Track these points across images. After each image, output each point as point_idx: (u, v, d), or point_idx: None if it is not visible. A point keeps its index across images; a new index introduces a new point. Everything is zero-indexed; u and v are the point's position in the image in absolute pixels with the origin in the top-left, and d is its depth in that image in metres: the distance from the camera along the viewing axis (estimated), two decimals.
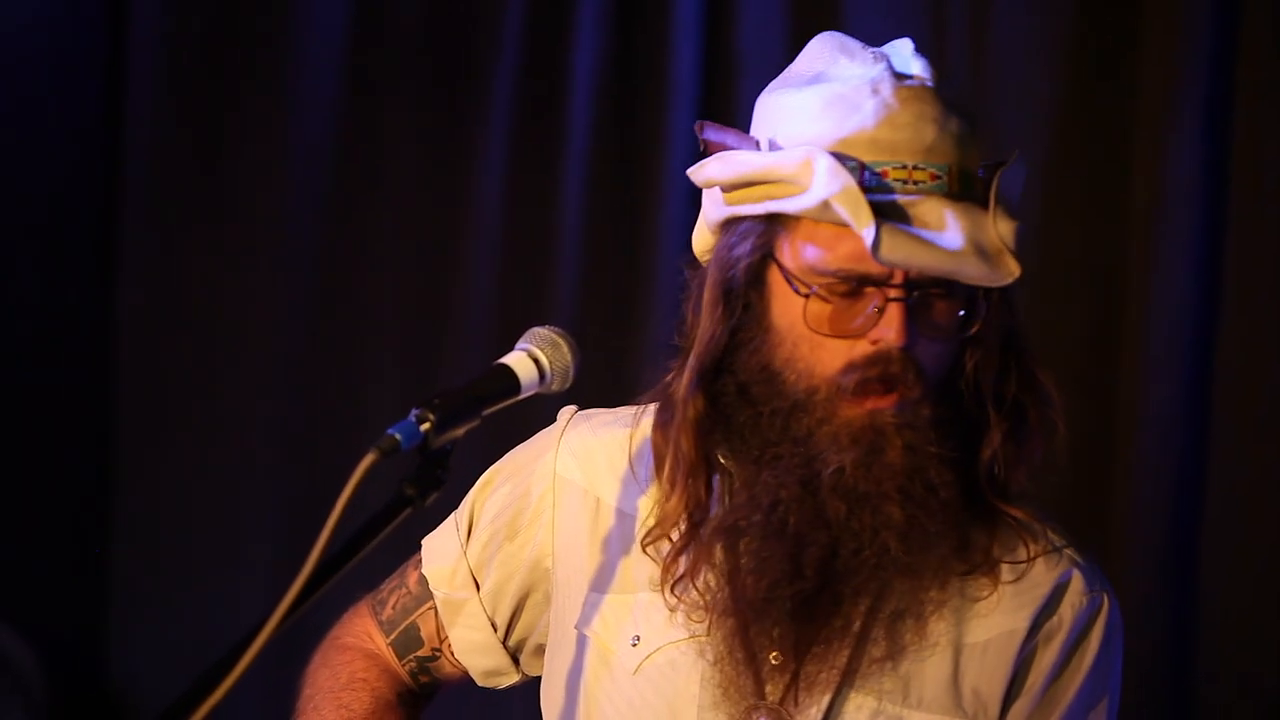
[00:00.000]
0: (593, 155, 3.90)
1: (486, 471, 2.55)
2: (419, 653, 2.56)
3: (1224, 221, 3.59)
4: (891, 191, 2.22)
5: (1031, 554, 2.36)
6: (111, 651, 4.12)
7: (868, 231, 2.16)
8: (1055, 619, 2.37)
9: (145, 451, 4.15)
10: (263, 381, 4.08)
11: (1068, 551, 2.40)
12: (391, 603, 2.57)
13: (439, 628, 2.54)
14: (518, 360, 2.26)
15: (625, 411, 2.51)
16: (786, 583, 2.29)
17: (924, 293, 2.25)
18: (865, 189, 2.20)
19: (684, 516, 2.36)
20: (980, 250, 2.21)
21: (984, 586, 2.36)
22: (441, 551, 2.54)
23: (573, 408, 2.55)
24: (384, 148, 4.06)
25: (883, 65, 2.28)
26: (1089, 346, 3.70)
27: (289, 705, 3.80)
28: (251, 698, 3.88)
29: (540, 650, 2.53)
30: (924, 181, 2.22)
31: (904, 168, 2.22)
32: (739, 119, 3.77)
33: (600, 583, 2.43)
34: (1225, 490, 3.61)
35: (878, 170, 2.22)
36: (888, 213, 2.20)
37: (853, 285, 2.25)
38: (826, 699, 2.32)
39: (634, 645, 2.38)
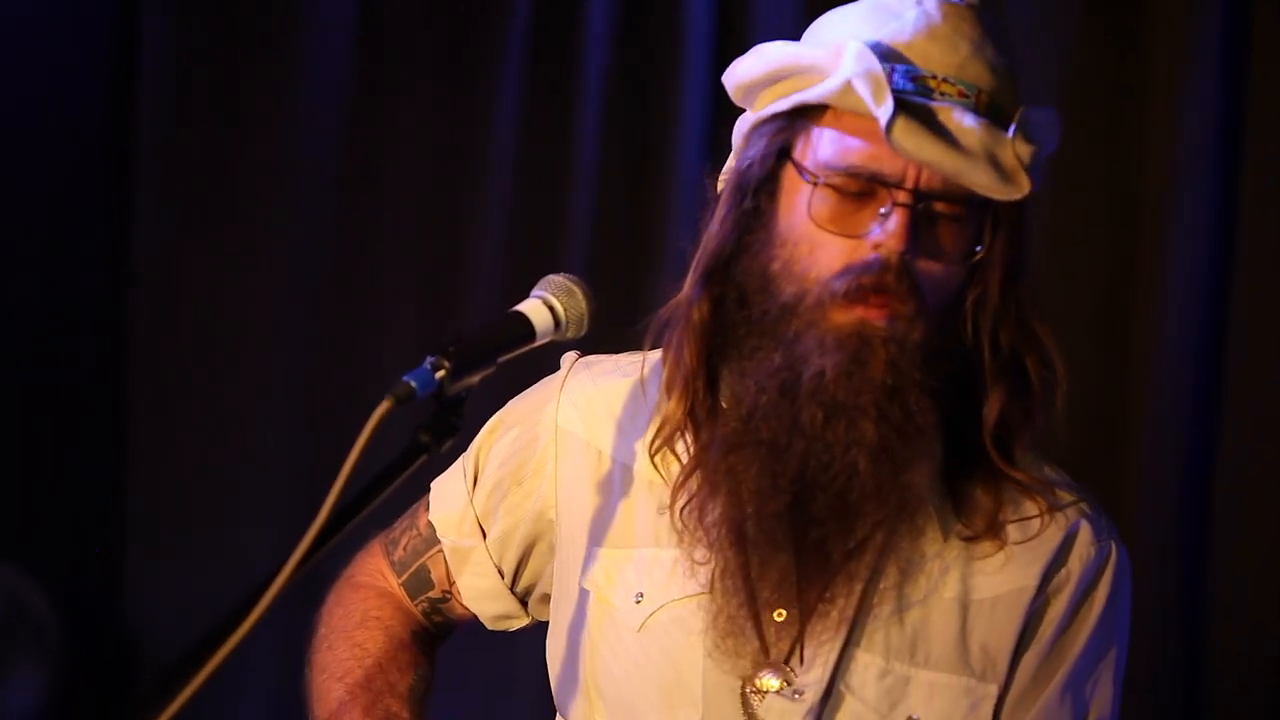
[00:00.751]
0: (605, 109, 3.89)
1: (492, 418, 2.55)
2: (430, 594, 2.56)
3: (1236, 196, 3.58)
4: (917, 95, 2.21)
5: (1038, 512, 2.35)
6: (128, 600, 4.13)
7: (884, 109, 2.16)
8: (1064, 571, 2.36)
9: (162, 400, 4.16)
10: (281, 332, 4.08)
11: (1076, 504, 2.38)
12: (403, 543, 2.57)
13: (449, 571, 2.55)
14: (533, 307, 2.26)
15: (627, 359, 2.50)
16: (766, 497, 2.27)
17: (930, 206, 2.23)
18: (892, 87, 2.19)
19: (686, 426, 2.34)
20: (994, 161, 2.19)
21: (990, 548, 2.34)
22: (449, 498, 2.55)
23: (574, 354, 2.54)
24: (397, 114, 4.05)
25: None
26: (1100, 318, 3.68)
27: (304, 646, 3.83)
28: (266, 644, 3.94)
29: (547, 598, 2.53)
30: (950, 95, 2.21)
31: (934, 78, 2.22)
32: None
33: (603, 537, 2.42)
34: (1238, 452, 3.61)
35: (907, 74, 2.22)
36: (910, 109, 2.18)
37: (862, 183, 2.23)
38: (833, 657, 2.31)
39: (637, 602, 2.38)
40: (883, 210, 2.22)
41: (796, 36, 2.33)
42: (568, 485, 2.46)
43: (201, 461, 4.10)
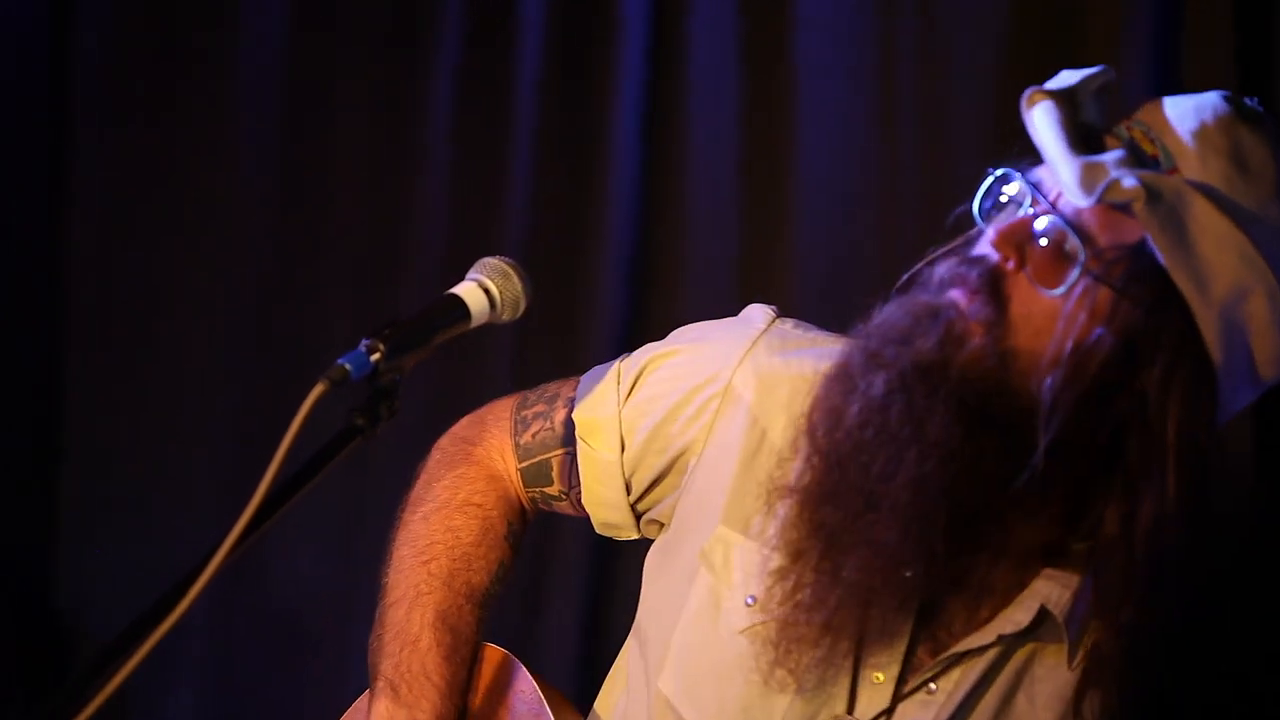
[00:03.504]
0: (541, 95, 3.88)
1: (668, 340, 2.53)
2: (546, 489, 2.56)
3: None
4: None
5: None
6: (61, 580, 4.10)
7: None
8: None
9: (96, 385, 4.13)
10: (215, 317, 4.05)
11: None
12: (534, 429, 2.56)
13: (573, 473, 2.53)
14: (468, 290, 2.26)
15: (827, 347, 2.42)
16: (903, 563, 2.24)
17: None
18: None
19: None
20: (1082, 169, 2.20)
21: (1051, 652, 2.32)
22: (598, 401, 2.53)
23: (771, 311, 2.50)
24: (334, 101, 4.03)
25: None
26: None
27: (237, 632, 3.81)
28: (199, 629, 3.93)
29: (659, 526, 2.51)
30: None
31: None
32: (690, 53, 3.78)
33: (737, 520, 2.39)
34: None
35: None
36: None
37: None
38: None
39: (748, 605, 2.36)
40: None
41: (732, 19, 2.33)
42: (717, 444, 2.43)
43: (134, 445, 4.08)
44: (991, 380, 2.19)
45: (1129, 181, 2.16)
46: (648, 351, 2.53)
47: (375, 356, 2.09)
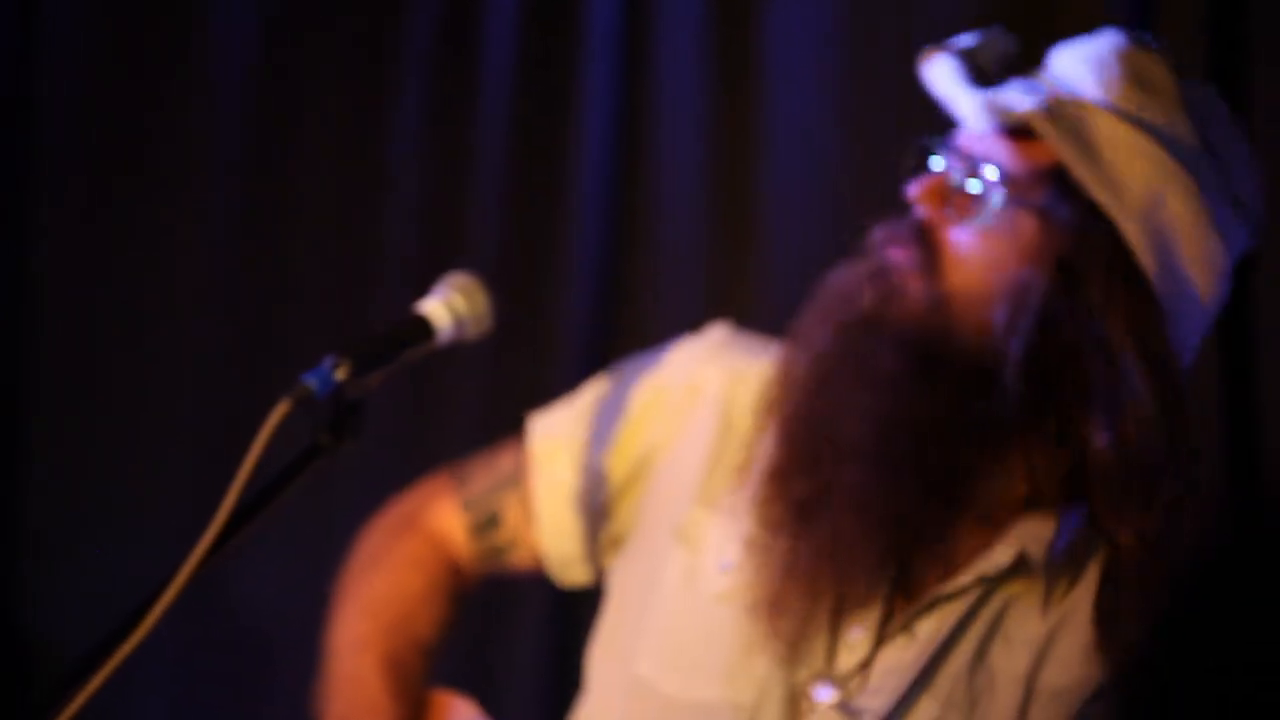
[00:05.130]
0: (510, 104, 3.88)
1: (617, 366, 2.55)
2: (495, 539, 2.56)
3: None
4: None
5: None
6: (26, 599, 4.09)
7: None
8: None
9: (62, 398, 4.12)
10: (183, 331, 4.04)
11: None
12: (477, 480, 2.57)
13: (524, 512, 2.53)
14: (434, 308, 2.26)
15: (767, 344, 2.50)
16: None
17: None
18: None
19: None
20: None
21: (1079, 636, 2.33)
22: (551, 428, 2.54)
23: (726, 327, 2.56)
24: (303, 98, 4.02)
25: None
26: None
27: (200, 652, 3.80)
28: (164, 647, 3.91)
29: (619, 542, 2.52)
30: None
31: None
32: (658, 69, 3.78)
33: (709, 499, 2.41)
34: None
35: None
36: None
37: None
38: (902, 689, 2.30)
39: (725, 571, 2.36)
40: None
41: (701, 34, 2.35)
42: (686, 439, 2.45)
43: (100, 460, 4.07)
44: (936, 326, 2.26)
45: (1028, 103, 2.27)
46: (598, 379, 2.56)
47: (340, 374, 2.09)
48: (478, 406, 3.74)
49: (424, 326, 2.24)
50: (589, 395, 2.54)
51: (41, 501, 4.11)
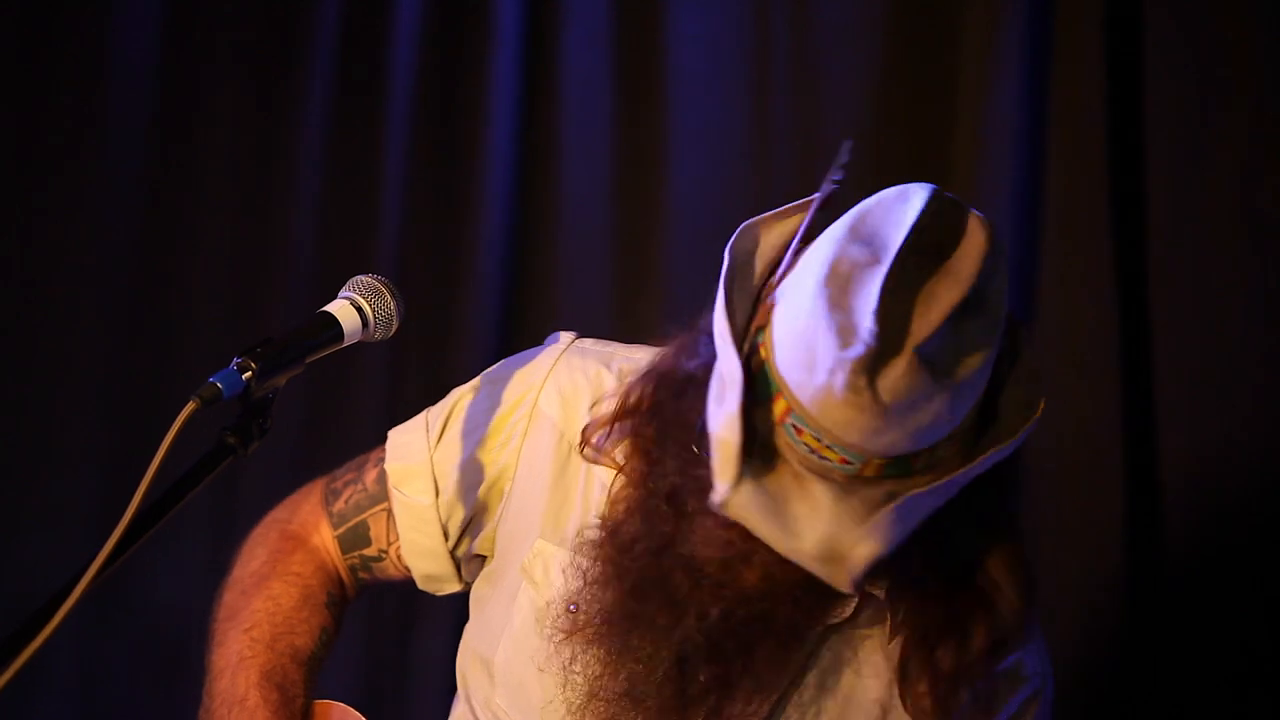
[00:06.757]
0: (414, 108, 3.88)
1: (474, 380, 2.55)
2: (365, 551, 2.55)
3: (1043, 166, 3.63)
4: (798, 449, 2.18)
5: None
6: None
7: (720, 488, 2.16)
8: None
9: None
10: (87, 334, 4.01)
11: (1017, 634, 2.38)
12: (345, 496, 2.56)
13: (390, 529, 2.53)
14: (340, 308, 2.25)
15: (624, 356, 2.50)
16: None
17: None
18: (780, 431, 2.17)
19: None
20: (827, 554, 2.17)
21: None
22: (408, 450, 2.53)
23: (570, 335, 2.54)
24: (206, 105, 4.00)
25: (858, 349, 2.11)
26: None
27: (106, 652, 3.77)
28: (67, 651, 3.89)
29: (482, 561, 2.52)
30: (830, 461, 2.17)
31: (818, 440, 2.16)
32: (562, 68, 3.79)
33: (553, 532, 2.42)
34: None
35: (798, 425, 2.16)
36: (769, 472, 2.18)
37: None
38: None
39: (571, 611, 2.38)
40: None
41: (607, 33, 2.34)
42: (528, 465, 2.45)
43: (3, 463, 4.03)
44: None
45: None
46: (454, 394, 2.56)
47: (247, 375, 2.09)
48: (384, 408, 3.74)
49: (332, 326, 2.23)
50: (444, 413, 2.54)
51: None
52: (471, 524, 2.51)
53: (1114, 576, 3.51)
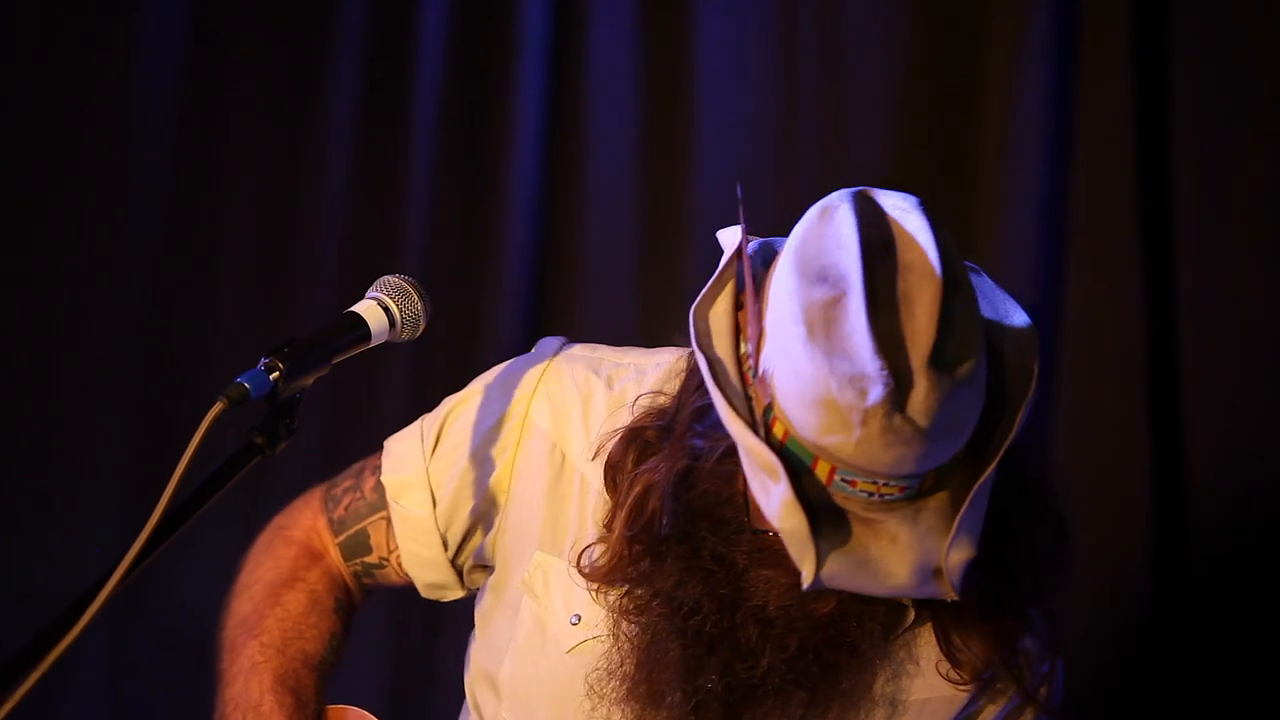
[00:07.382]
0: (441, 113, 3.88)
1: (465, 389, 2.54)
2: (366, 559, 2.55)
3: (1070, 167, 3.62)
4: (858, 499, 2.16)
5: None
6: None
7: (806, 574, 2.14)
8: (1003, 682, 2.38)
9: None
10: (117, 334, 4.02)
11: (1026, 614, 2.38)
12: (345, 503, 2.56)
13: (389, 538, 2.53)
14: (368, 308, 2.25)
15: (612, 363, 2.49)
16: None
17: None
18: (833, 490, 2.16)
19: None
20: (925, 578, 2.16)
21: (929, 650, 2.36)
22: (404, 461, 2.53)
23: (559, 341, 2.54)
24: (233, 115, 4.01)
25: (878, 393, 2.09)
26: None
27: (135, 651, 3.77)
28: (97, 648, 3.89)
29: (485, 570, 2.52)
30: (892, 495, 2.16)
31: (874, 482, 2.15)
32: (588, 70, 3.79)
33: (551, 544, 2.42)
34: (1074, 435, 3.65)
35: (849, 478, 2.15)
36: (841, 532, 2.16)
37: None
38: None
39: (574, 624, 2.38)
40: None
41: (630, 41, 2.34)
42: (523, 476, 2.45)
43: (33, 463, 4.04)
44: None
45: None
46: (447, 403, 2.55)
47: (274, 375, 2.09)
48: (411, 409, 3.73)
49: (359, 327, 2.23)
50: (438, 423, 2.53)
51: None
52: (471, 534, 2.51)
53: (1140, 576, 3.51)
